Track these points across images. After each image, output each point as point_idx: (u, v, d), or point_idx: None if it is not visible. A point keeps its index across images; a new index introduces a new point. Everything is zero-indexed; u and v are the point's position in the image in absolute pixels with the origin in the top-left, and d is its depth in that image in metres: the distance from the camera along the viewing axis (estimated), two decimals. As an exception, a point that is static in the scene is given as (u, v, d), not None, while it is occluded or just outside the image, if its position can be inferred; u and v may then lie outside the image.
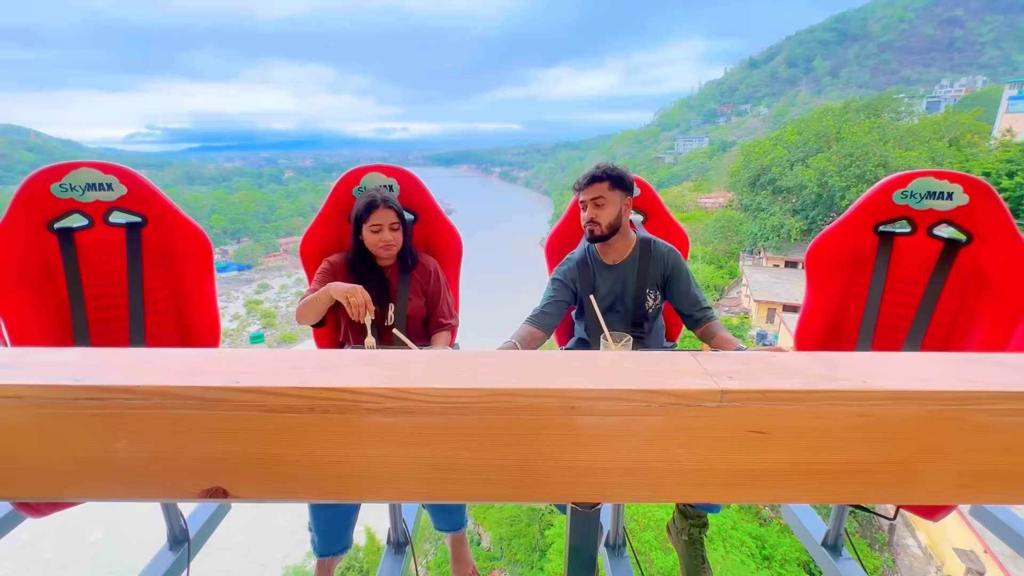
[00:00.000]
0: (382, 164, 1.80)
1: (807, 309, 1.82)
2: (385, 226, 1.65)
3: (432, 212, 1.87)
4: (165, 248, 1.70)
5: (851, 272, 1.73)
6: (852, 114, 26.88)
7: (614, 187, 1.64)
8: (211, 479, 0.46)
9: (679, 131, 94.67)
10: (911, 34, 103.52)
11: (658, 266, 1.72)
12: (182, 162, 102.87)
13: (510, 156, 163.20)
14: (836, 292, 1.75)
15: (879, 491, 0.48)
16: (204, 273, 1.75)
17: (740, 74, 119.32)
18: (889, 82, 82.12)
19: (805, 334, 1.83)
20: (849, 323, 1.73)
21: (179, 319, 1.74)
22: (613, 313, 1.76)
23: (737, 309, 23.15)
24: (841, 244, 1.73)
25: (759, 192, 26.62)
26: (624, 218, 1.68)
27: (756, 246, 26.24)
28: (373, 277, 1.69)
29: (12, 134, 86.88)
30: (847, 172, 23.51)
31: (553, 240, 2.03)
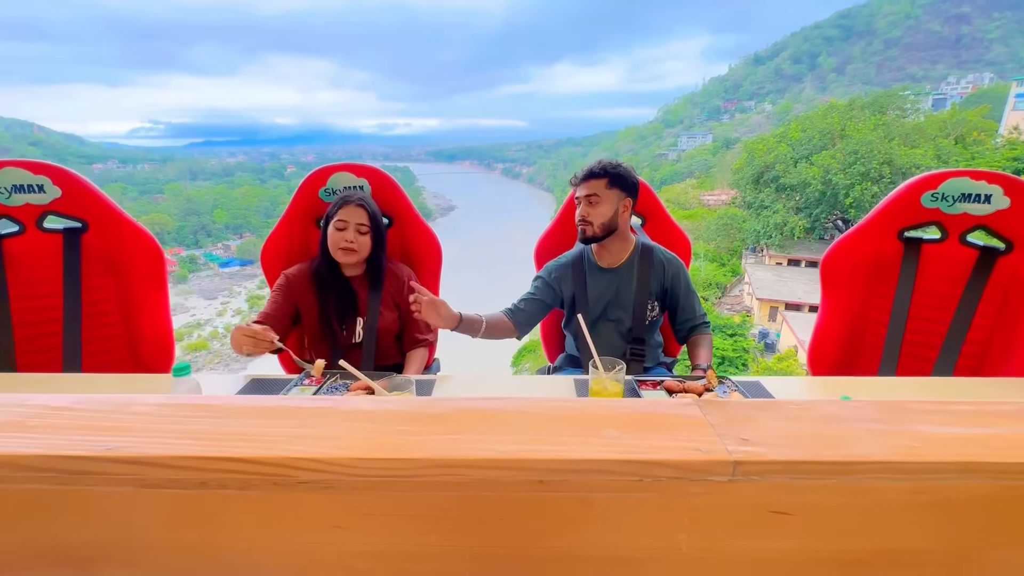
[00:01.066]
0: (351, 163, 1.65)
1: (822, 323, 1.70)
2: (351, 224, 1.47)
3: (408, 215, 1.71)
4: (111, 256, 1.55)
5: (872, 282, 1.59)
6: (857, 111, 26.60)
7: (612, 185, 1.51)
8: (73, 573, 0.36)
9: (683, 128, 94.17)
10: (917, 30, 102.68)
11: (658, 275, 1.58)
12: (185, 157, 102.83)
13: (513, 152, 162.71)
14: (855, 304, 1.61)
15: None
16: (155, 283, 1.61)
17: (745, 70, 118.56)
18: (895, 79, 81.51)
19: (820, 350, 1.70)
20: (870, 339, 1.60)
21: (128, 334, 1.59)
22: (605, 321, 1.62)
23: (739, 307, 22.99)
24: (861, 251, 1.59)
25: (762, 189, 26.42)
26: (621, 220, 1.54)
27: (759, 244, 26.07)
28: (338, 288, 1.52)
29: (16, 128, 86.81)
30: (851, 170, 23.31)
31: (543, 243, 1.91)
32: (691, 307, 1.60)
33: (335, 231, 1.48)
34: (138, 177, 68.32)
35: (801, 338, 15.06)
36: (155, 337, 1.67)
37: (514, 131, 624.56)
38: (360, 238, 1.50)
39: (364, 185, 1.67)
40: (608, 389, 1.12)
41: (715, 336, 15.26)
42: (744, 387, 1.23)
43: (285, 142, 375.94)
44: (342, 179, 1.66)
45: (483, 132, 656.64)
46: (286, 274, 1.56)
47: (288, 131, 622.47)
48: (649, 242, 1.66)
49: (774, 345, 17.47)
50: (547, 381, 1.29)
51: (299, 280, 1.54)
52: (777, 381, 1.28)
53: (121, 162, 78.73)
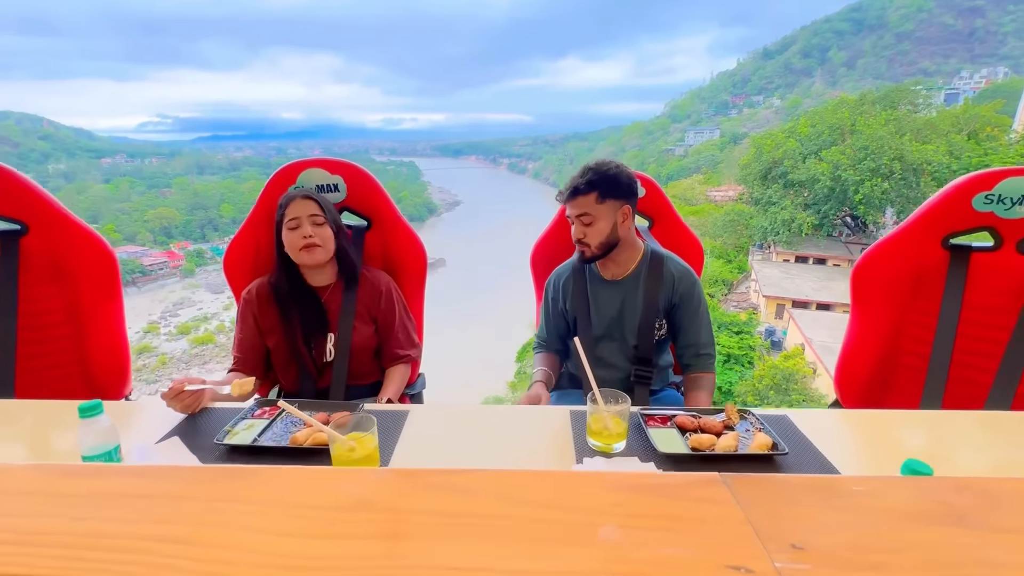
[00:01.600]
0: (324, 158, 1.47)
1: (852, 340, 1.50)
2: (304, 218, 1.28)
3: (389, 217, 1.53)
4: (56, 261, 1.38)
5: (911, 295, 1.39)
6: (868, 106, 26.16)
7: (604, 197, 1.30)
8: None
9: (690, 123, 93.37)
10: (930, 24, 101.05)
11: (667, 289, 1.38)
12: (192, 151, 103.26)
13: (518, 147, 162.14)
14: (890, 320, 1.42)
15: None
16: (107, 292, 1.44)
17: (753, 65, 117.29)
18: (906, 73, 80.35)
19: (850, 372, 1.51)
20: (909, 360, 1.40)
21: (77, 348, 1.44)
22: (609, 341, 1.44)
23: (745, 304, 22.72)
24: (899, 259, 1.39)
25: (770, 185, 26.10)
26: (622, 230, 1.34)
27: (766, 240, 25.77)
28: (303, 302, 1.34)
29: (25, 123, 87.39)
30: (861, 166, 22.94)
31: (539, 250, 1.72)
32: (694, 332, 1.40)
33: (289, 232, 1.30)
34: (146, 171, 68.58)
35: (808, 336, 14.81)
36: (108, 352, 1.50)
37: (520, 126, 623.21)
38: (319, 230, 1.31)
39: (339, 183, 1.49)
40: (610, 428, 0.94)
41: (720, 334, 14.93)
42: (769, 423, 1.05)
43: (291, 136, 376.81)
44: (313, 176, 1.48)
45: (489, 127, 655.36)
46: (246, 295, 1.38)
47: (294, 126, 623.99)
48: (660, 249, 1.47)
49: (780, 343, 17.23)
50: (539, 415, 1.12)
51: (258, 298, 1.37)
52: (806, 416, 1.10)
53: (129, 156, 79.08)
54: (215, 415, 1.08)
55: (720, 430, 1.01)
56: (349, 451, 0.85)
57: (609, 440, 0.95)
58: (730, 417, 1.04)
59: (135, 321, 29.44)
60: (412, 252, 1.58)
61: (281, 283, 1.34)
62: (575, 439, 1.00)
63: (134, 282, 35.87)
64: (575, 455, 0.95)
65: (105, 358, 1.50)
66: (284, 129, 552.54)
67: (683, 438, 0.99)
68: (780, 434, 1.01)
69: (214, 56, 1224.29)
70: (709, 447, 0.95)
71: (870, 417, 1.12)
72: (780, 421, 1.07)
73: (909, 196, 22.16)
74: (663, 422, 1.04)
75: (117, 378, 1.54)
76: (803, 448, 0.97)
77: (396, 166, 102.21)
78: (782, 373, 11.84)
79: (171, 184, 58.51)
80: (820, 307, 18.65)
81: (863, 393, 1.51)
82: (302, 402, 1.11)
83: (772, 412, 1.10)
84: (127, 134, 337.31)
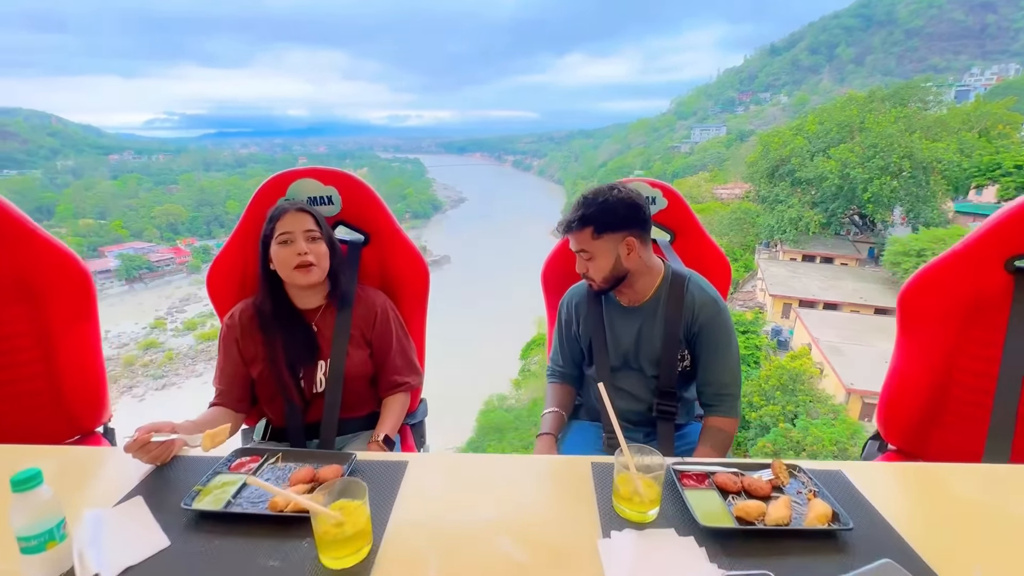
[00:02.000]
0: (317, 167, 1.33)
1: (898, 372, 1.36)
2: (298, 233, 1.16)
3: (388, 230, 1.39)
4: (23, 281, 1.25)
5: (966, 323, 1.25)
6: (877, 103, 25.82)
7: (601, 232, 1.17)
8: None
9: (696, 120, 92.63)
10: (941, 20, 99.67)
11: (687, 316, 1.24)
12: (199, 148, 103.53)
13: (523, 144, 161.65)
14: (943, 351, 1.26)
15: None
16: (81, 312, 1.32)
17: (760, 61, 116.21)
18: (916, 70, 79.28)
19: (895, 406, 1.36)
20: (964, 395, 1.26)
21: (50, 372, 1.30)
22: (628, 371, 1.31)
23: (752, 303, 22.51)
24: (953, 283, 1.24)
25: (777, 183, 25.85)
26: (630, 262, 1.20)
27: (773, 239, 25.54)
28: (291, 327, 1.21)
29: (34, 119, 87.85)
30: (870, 164, 22.66)
31: (550, 266, 1.58)
32: (713, 369, 1.26)
33: (281, 247, 1.17)
34: (153, 168, 68.81)
35: (815, 335, 14.62)
36: (82, 378, 1.38)
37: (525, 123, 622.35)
38: (314, 246, 1.19)
39: (333, 195, 1.36)
40: (641, 494, 0.81)
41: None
42: (823, 481, 0.91)
43: (297, 133, 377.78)
44: (305, 187, 1.34)
45: (494, 124, 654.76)
46: (227, 321, 1.25)
47: (300, 122, 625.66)
48: (682, 270, 1.32)
49: (787, 343, 17.05)
50: (556, 467, 0.98)
51: (241, 323, 1.23)
52: (863, 471, 0.96)
53: (137, 153, 79.38)
54: (188, 465, 0.95)
55: (768, 492, 0.87)
56: (336, 527, 0.72)
57: (641, 507, 0.81)
58: (778, 476, 0.90)
59: (143, 317, 29.54)
60: (413, 269, 1.44)
61: (267, 306, 1.21)
62: (598, 500, 0.87)
63: (141, 278, 35.98)
64: (600, 523, 0.81)
65: (79, 384, 1.38)
66: (289, 126, 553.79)
67: (725, 502, 0.85)
68: (837, 497, 0.87)
69: (221, 53, 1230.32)
70: (758, 517, 0.81)
71: (931, 473, 0.98)
72: (835, 479, 0.92)
73: (919, 194, 21.85)
74: (700, 480, 0.90)
75: (93, 405, 1.41)
76: (867, 517, 0.83)
77: (401, 163, 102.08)
78: (789, 373, 11.66)
79: (177, 181, 58.63)
80: (827, 306, 18.42)
81: (910, 430, 1.36)
82: (287, 450, 0.98)
83: (824, 466, 0.96)
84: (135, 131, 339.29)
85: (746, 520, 0.81)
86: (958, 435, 1.29)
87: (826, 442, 9.50)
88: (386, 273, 1.44)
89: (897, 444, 1.42)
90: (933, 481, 0.96)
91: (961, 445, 1.29)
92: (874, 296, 18.13)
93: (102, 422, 1.46)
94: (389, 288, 1.42)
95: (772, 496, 0.87)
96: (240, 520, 0.80)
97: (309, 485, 0.87)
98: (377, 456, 0.99)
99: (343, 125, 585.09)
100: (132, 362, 25.57)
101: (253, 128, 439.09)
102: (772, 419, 10.83)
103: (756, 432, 11.03)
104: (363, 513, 0.74)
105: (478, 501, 0.87)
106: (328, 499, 0.75)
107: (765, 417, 10.94)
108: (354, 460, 0.94)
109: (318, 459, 0.96)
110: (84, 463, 1.00)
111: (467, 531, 0.80)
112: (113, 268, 35.55)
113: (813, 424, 10.06)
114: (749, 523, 0.80)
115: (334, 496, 0.76)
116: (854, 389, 11.89)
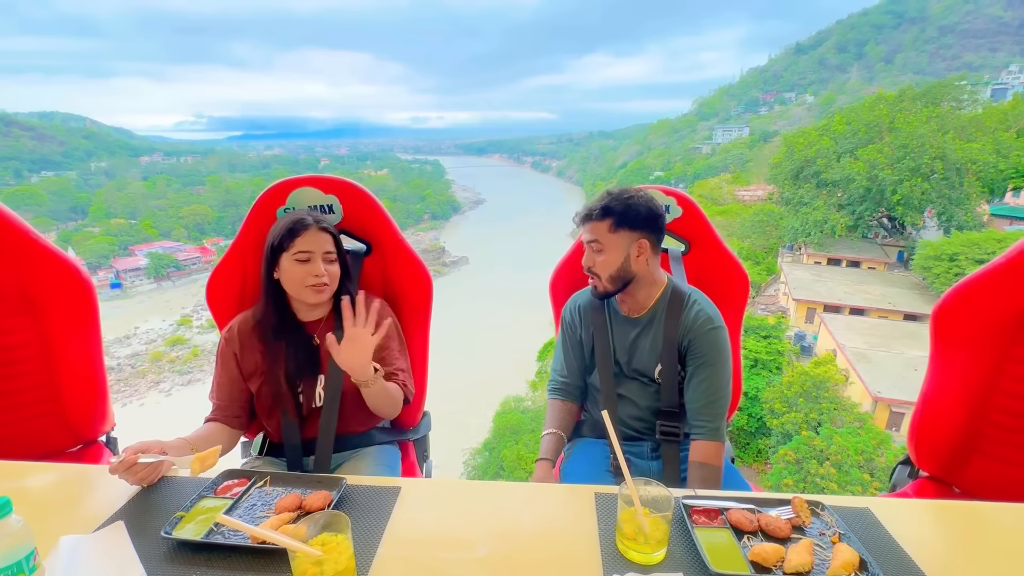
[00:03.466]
0: (318, 176, 1.30)
1: (931, 393, 1.26)
2: (317, 254, 1.13)
3: (390, 240, 1.35)
4: (25, 291, 1.24)
5: (1007, 343, 1.15)
6: (908, 102, 25.06)
7: (619, 226, 1.17)
8: None
9: (718, 120, 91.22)
10: (977, 15, 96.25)
11: (681, 330, 1.22)
12: (225, 150, 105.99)
13: (543, 146, 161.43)
14: (981, 373, 1.17)
15: None
16: (83, 324, 1.31)
17: (785, 60, 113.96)
18: (949, 68, 76.75)
19: (928, 430, 1.27)
20: (1004, 420, 1.16)
21: (51, 382, 1.29)
22: (627, 382, 1.30)
23: (774, 307, 22.04)
24: (994, 299, 1.14)
25: (802, 185, 25.28)
26: (637, 265, 1.19)
27: (796, 242, 24.98)
28: (296, 339, 1.18)
29: (70, 122, 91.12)
30: (900, 165, 21.99)
31: (558, 276, 1.53)
32: (697, 387, 1.22)
33: (297, 264, 1.13)
34: (181, 169, 70.61)
35: (841, 341, 14.20)
36: (84, 388, 1.37)
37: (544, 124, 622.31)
38: (331, 268, 1.16)
39: (334, 204, 1.32)
40: (648, 533, 0.74)
41: (748, 338, 14.58)
42: (849, 520, 0.83)
43: (320, 135, 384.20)
44: (306, 196, 1.31)
45: (513, 125, 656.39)
46: (224, 335, 1.22)
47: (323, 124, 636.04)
48: (684, 287, 1.29)
49: (811, 348, 16.61)
50: (556, 497, 0.92)
51: (240, 336, 1.20)
52: (892, 508, 0.88)
53: (166, 155, 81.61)
54: (174, 487, 0.92)
55: (787, 534, 0.79)
56: (315, 565, 0.67)
57: (647, 548, 0.75)
58: (799, 515, 0.83)
59: (170, 314, 30.31)
60: (416, 280, 1.40)
61: (268, 317, 1.17)
62: (601, 537, 0.81)
63: (169, 276, 36.97)
64: (602, 565, 0.75)
65: (81, 394, 1.36)
66: (312, 128, 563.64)
67: (740, 543, 0.78)
68: (865, 540, 0.79)
69: (248, 56, 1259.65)
70: (776, 563, 0.74)
71: (974, 513, 0.89)
72: (862, 518, 0.85)
73: (951, 196, 21.10)
74: (712, 517, 0.83)
75: (94, 415, 1.40)
76: (899, 564, 0.75)
77: (421, 164, 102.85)
78: (812, 380, 11.34)
79: (204, 182, 60.01)
80: (853, 312, 17.90)
81: (945, 456, 1.27)
82: (275, 474, 0.94)
83: (851, 503, 0.88)
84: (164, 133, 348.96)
85: (763, 566, 0.74)
86: (998, 464, 1.19)
87: (851, 451, 9.20)
88: (388, 283, 1.39)
89: (930, 471, 1.32)
90: (974, 521, 0.87)
91: (1001, 475, 1.19)
92: (903, 301, 17.57)
93: (104, 431, 1.45)
94: (391, 298, 1.38)
95: (792, 538, 0.79)
96: (221, 550, 0.77)
97: (295, 514, 0.82)
98: (368, 481, 0.94)
99: (365, 127, 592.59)
100: (159, 358, 26.26)
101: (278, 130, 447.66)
102: (795, 427, 10.54)
103: (778, 440, 10.76)
104: (345, 549, 0.69)
105: (472, 535, 0.82)
106: (311, 532, 0.71)
107: (787, 424, 10.65)
108: (344, 486, 0.89)
109: (307, 484, 0.92)
110: (72, 481, 0.97)
111: (458, 570, 0.75)
112: (143, 266, 36.61)
113: (838, 432, 9.75)
114: (766, 570, 0.73)
115: (317, 529, 0.71)
116: (881, 397, 11.50)
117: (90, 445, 1.43)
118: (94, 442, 1.44)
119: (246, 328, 1.20)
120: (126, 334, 28.36)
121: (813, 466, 9.28)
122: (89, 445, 1.42)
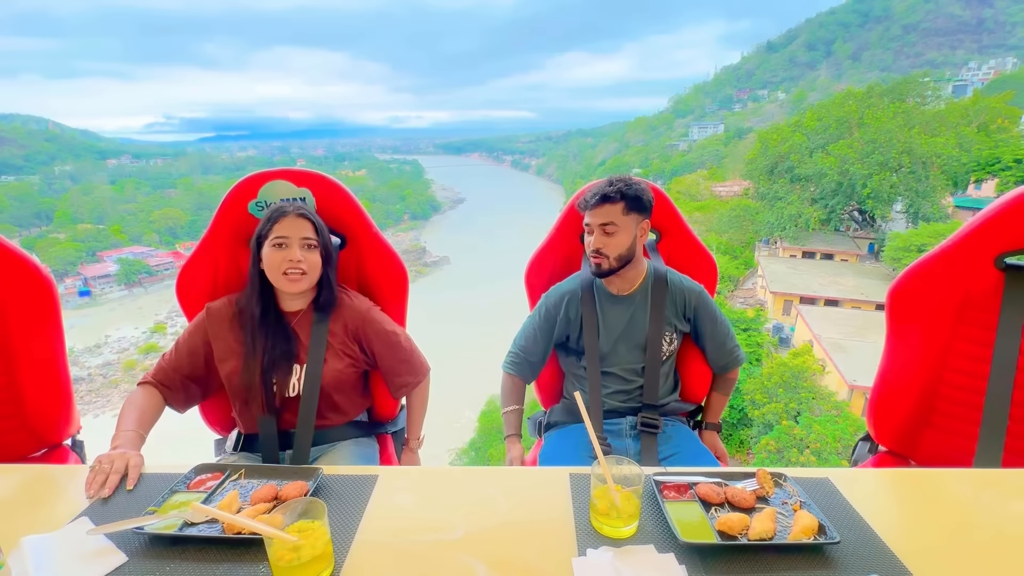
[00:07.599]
0: (291, 168, 1.29)
1: (888, 371, 1.32)
2: (294, 240, 1.13)
3: (364, 233, 1.35)
4: None
5: (956, 322, 1.21)
6: (875, 99, 25.78)
7: (630, 210, 1.28)
8: None
9: (694, 118, 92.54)
10: (937, 14, 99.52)
11: (678, 304, 1.37)
12: (196, 151, 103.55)
13: (522, 144, 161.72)
14: (933, 350, 1.23)
15: None
16: (44, 323, 1.27)
17: (757, 58, 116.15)
18: (913, 65, 79.14)
19: (884, 406, 1.32)
20: (955, 395, 1.22)
21: (11, 385, 1.25)
22: (615, 357, 1.38)
23: (752, 300, 22.47)
24: (943, 280, 1.20)
25: (776, 180, 25.80)
26: (639, 246, 1.31)
27: (772, 236, 25.48)
28: (274, 329, 1.17)
29: (31, 124, 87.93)
30: (869, 159, 22.61)
31: (534, 266, 1.55)
32: (717, 334, 1.43)
33: (274, 250, 1.13)
34: (151, 172, 68.79)
35: (817, 332, 14.56)
36: (46, 391, 1.33)
37: (523, 122, 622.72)
38: (309, 255, 1.15)
39: (306, 196, 1.32)
40: (620, 508, 0.77)
41: (728, 333, 15.07)
42: (809, 490, 0.87)
43: (296, 136, 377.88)
44: (277, 189, 1.30)
45: (492, 124, 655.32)
46: (209, 307, 1.21)
47: (298, 125, 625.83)
48: (662, 267, 1.40)
49: (788, 339, 17.00)
50: (531, 479, 0.94)
51: (222, 318, 1.20)
52: (851, 479, 0.92)
53: (135, 157, 79.42)
54: (146, 482, 0.91)
55: (752, 504, 0.83)
56: (292, 551, 0.68)
57: (619, 523, 0.77)
58: (763, 486, 0.86)
59: (143, 321, 29.47)
60: (391, 271, 1.40)
61: (252, 305, 1.17)
62: (576, 515, 0.83)
63: (140, 282, 35.91)
64: (576, 540, 0.77)
65: (44, 397, 1.33)
66: (288, 128, 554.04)
67: (707, 514, 0.81)
68: (824, 508, 0.83)
69: (219, 56, 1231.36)
70: (741, 531, 0.77)
71: (924, 479, 0.94)
72: (822, 488, 0.88)
73: (918, 189, 21.79)
74: (682, 491, 0.86)
75: (58, 418, 1.36)
76: (855, 528, 0.79)
77: (399, 164, 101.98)
78: (791, 371, 11.61)
79: (176, 185, 58.55)
80: (828, 303, 18.36)
81: (901, 431, 1.32)
82: (250, 466, 0.94)
83: (811, 475, 0.92)
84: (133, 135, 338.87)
85: (729, 535, 0.76)
86: (949, 436, 1.25)
87: (830, 439, 9.45)
88: (363, 276, 1.39)
89: (888, 445, 1.38)
90: (923, 487, 0.92)
91: (953, 446, 1.25)
92: (875, 292, 18.06)
93: (70, 435, 1.42)
94: (367, 291, 1.38)
95: (756, 508, 0.83)
96: (195, 542, 0.76)
97: (271, 504, 0.83)
98: (345, 471, 0.95)
99: (342, 127, 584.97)
100: (132, 366, 25.52)
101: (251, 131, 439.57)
102: (775, 417, 10.78)
103: (759, 430, 10.98)
104: (322, 535, 0.70)
105: (448, 518, 0.83)
106: (287, 520, 0.71)
107: (768, 415, 10.88)
108: (320, 476, 0.90)
109: (283, 475, 0.92)
110: (35, 483, 0.95)
111: (435, 551, 0.76)
112: (112, 272, 35.52)
113: (816, 421, 10.01)
114: (732, 538, 0.76)
115: (294, 517, 0.72)
116: (857, 385, 11.83)
117: (55, 449, 1.39)
118: (59, 446, 1.40)
119: (227, 312, 1.20)
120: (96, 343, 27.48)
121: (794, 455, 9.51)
122: (54, 449, 1.39)
